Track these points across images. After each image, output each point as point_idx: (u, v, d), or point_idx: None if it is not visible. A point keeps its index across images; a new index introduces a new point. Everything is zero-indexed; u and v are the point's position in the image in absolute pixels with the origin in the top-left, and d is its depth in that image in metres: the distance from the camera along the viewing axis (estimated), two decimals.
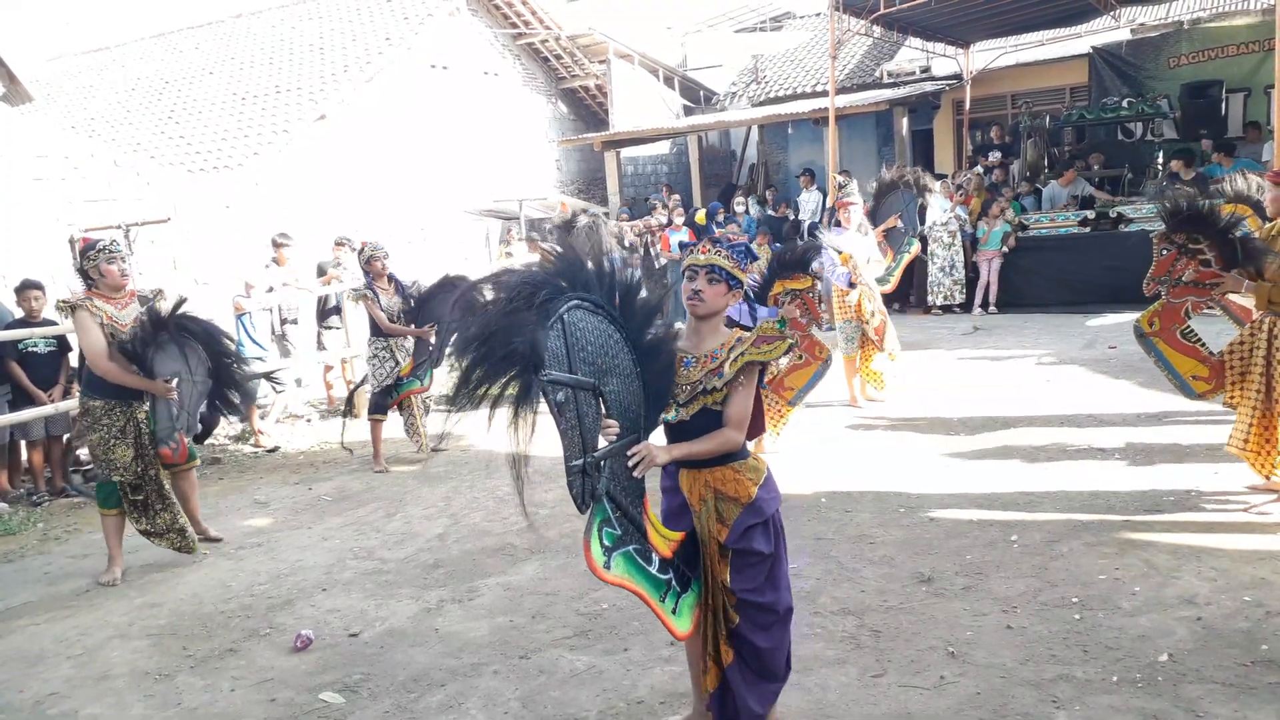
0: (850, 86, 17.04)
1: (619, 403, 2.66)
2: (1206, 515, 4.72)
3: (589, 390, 2.57)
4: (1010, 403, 7.29)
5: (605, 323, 2.65)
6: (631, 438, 2.68)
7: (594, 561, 2.56)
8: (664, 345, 2.78)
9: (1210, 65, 14.29)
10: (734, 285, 2.91)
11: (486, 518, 5.72)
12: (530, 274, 2.50)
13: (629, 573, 2.66)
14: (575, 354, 2.53)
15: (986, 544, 4.58)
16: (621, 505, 2.68)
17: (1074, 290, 11.62)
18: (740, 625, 2.86)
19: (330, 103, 13.61)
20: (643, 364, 2.73)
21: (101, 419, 5.02)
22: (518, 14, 16.73)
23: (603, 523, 2.61)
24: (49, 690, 3.91)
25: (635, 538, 2.72)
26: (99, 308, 4.97)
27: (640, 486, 2.75)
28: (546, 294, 2.47)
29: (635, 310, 2.72)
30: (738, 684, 2.87)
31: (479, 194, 15.35)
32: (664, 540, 2.81)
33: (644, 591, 2.70)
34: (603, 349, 2.63)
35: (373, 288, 7.10)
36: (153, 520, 5.19)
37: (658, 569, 2.76)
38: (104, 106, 16.65)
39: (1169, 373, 5.32)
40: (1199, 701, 3.08)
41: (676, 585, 2.82)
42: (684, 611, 2.83)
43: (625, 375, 2.69)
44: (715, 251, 2.91)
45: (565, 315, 2.51)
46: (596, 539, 2.58)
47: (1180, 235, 5.12)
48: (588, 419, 2.55)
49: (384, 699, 3.60)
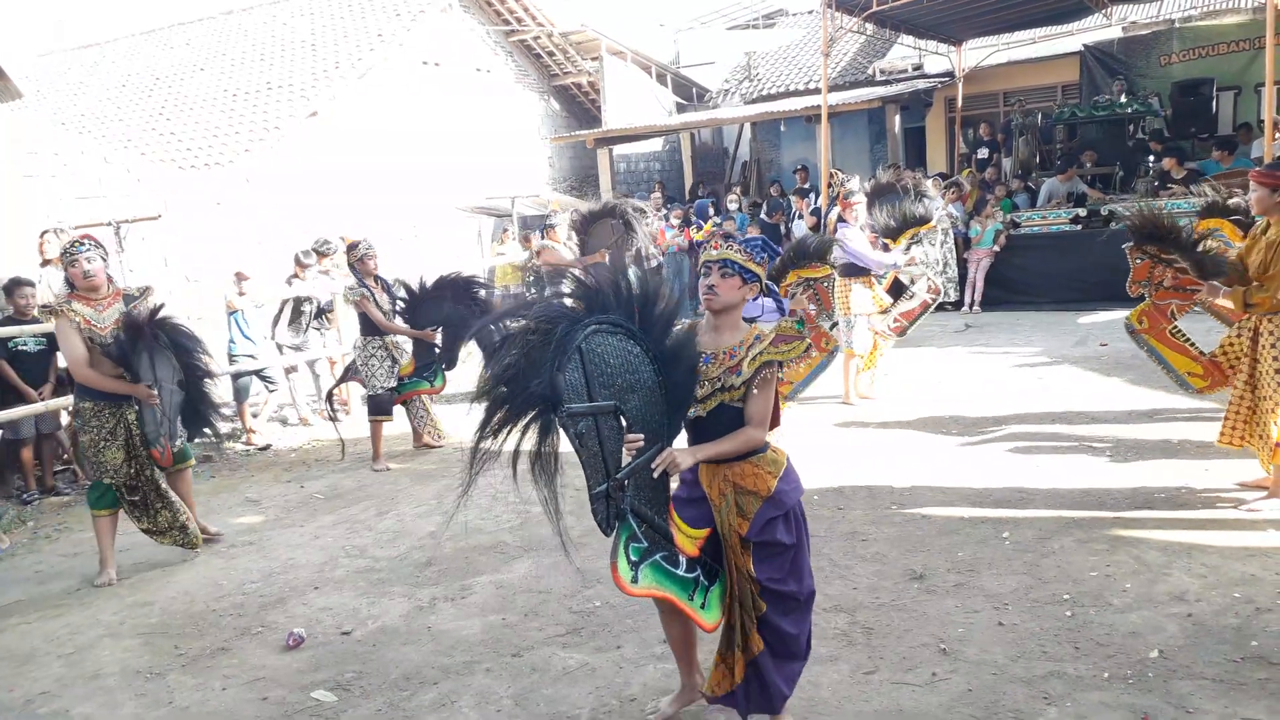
0: (843, 84, 17.06)
1: (641, 417, 2.70)
2: (1197, 512, 4.73)
3: (610, 413, 2.61)
4: (1002, 400, 7.31)
5: (624, 340, 2.69)
6: (654, 449, 2.71)
7: (621, 579, 2.65)
8: (685, 349, 2.80)
9: (1201, 63, 14.34)
10: (748, 279, 2.93)
11: (479, 516, 5.71)
12: (547, 305, 2.58)
13: (657, 580, 2.75)
14: (594, 381, 2.59)
15: (978, 541, 4.59)
16: (646, 517, 2.74)
17: (1066, 288, 11.65)
18: (768, 613, 2.89)
19: (322, 99, 13.59)
20: (665, 372, 2.75)
21: (91, 420, 4.97)
22: (510, 10, 16.71)
23: (629, 539, 2.69)
24: (40, 689, 3.89)
25: (662, 546, 2.79)
26: (76, 311, 4.83)
27: (665, 495, 2.80)
28: (565, 327, 2.53)
29: (654, 320, 2.75)
30: (769, 670, 2.91)
31: (471, 191, 15.33)
32: (690, 541, 2.86)
33: (672, 595, 2.79)
34: (623, 367, 2.67)
35: (366, 287, 7.07)
36: (154, 519, 5.15)
37: (685, 569, 2.83)
38: (94, 103, 16.58)
39: (1166, 369, 5.38)
40: (1189, 697, 3.09)
41: (704, 580, 2.89)
42: (712, 604, 2.91)
43: (647, 388, 2.72)
44: (728, 246, 2.95)
45: (583, 345, 2.56)
46: (623, 556, 2.67)
47: (1149, 246, 5.17)
48: (609, 443, 2.62)
49: (376, 697, 3.60)
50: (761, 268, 2.97)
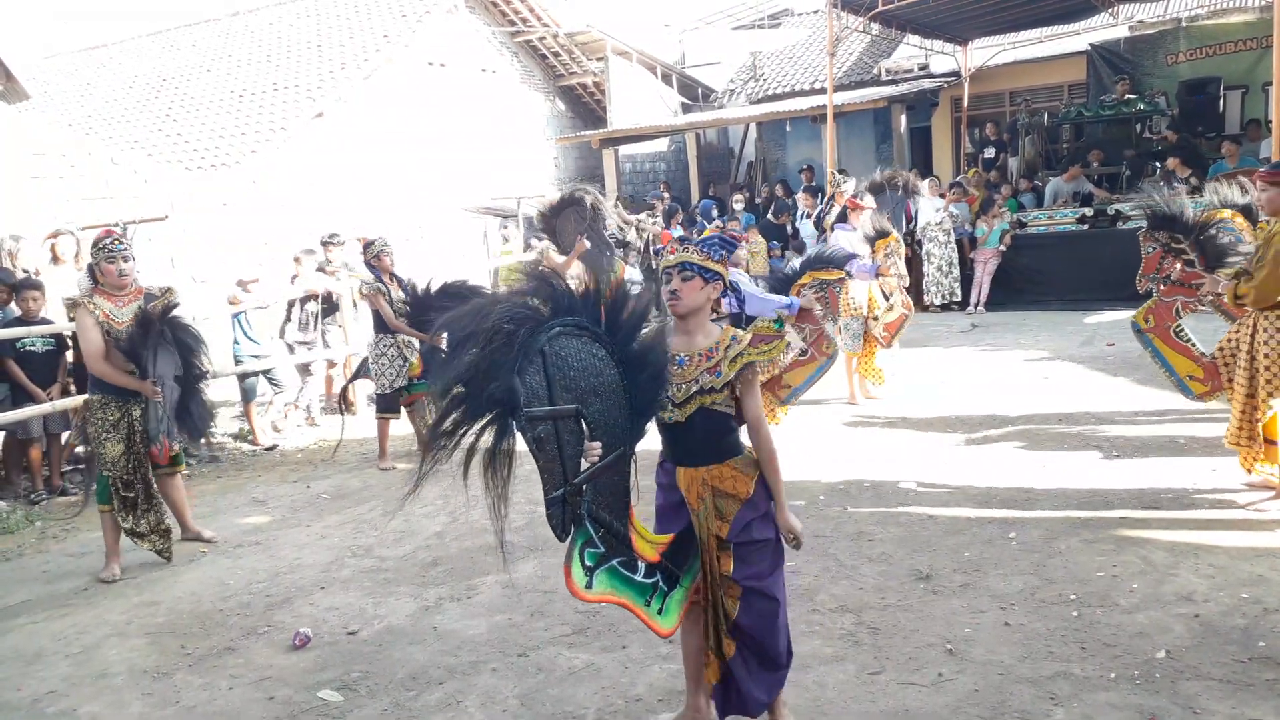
0: (848, 84, 17.04)
1: (602, 422, 2.65)
2: (1204, 512, 4.72)
3: (570, 417, 2.56)
4: (1008, 400, 7.29)
5: (589, 343, 2.64)
6: (616, 454, 2.67)
7: (575, 584, 2.60)
8: (652, 352, 2.74)
9: (1208, 62, 14.30)
10: (709, 278, 2.91)
11: (485, 515, 5.69)
12: (511, 308, 2.47)
13: (612, 586, 2.70)
14: (556, 384, 2.53)
15: (984, 541, 4.58)
16: (604, 523, 2.69)
17: (1072, 287, 11.61)
18: (740, 617, 2.88)
19: (328, 100, 13.60)
20: (629, 375, 2.71)
21: (97, 412, 5.10)
22: (515, 11, 16.71)
23: (585, 544, 2.64)
24: (47, 689, 3.91)
25: (620, 551, 2.74)
26: (97, 304, 5.02)
27: (625, 500, 2.75)
28: (528, 330, 2.46)
29: (621, 321, 2.70)
30: (741, 675, 2.90)
31: (477, 192, 15.35)
32: (651, 546, 2.82)
33: (628, 601, 2.74)
34: (586, 370, 2.62)
35: (382, 283, 7.09)
36: (138, 520, 5.18)
37: (643, 575, 2.79)
38: (101, 104, 16.62)
39: (1167, 371, 5.39)
40: (1197, 698, 3.08)
41: (664, 585, 2.85)
42: (670, 609, 2.86)
43: (610, 391, 2.68)
44: (683, 249, 2.94)
45: (546, 348, 2.51)
46: (578, 562, 2.61)
47: (1162, 234, 5.22)
48: (568, 448, 2.55)
49: (382, 697, 3.60)
50: (721, 265, 2.94)
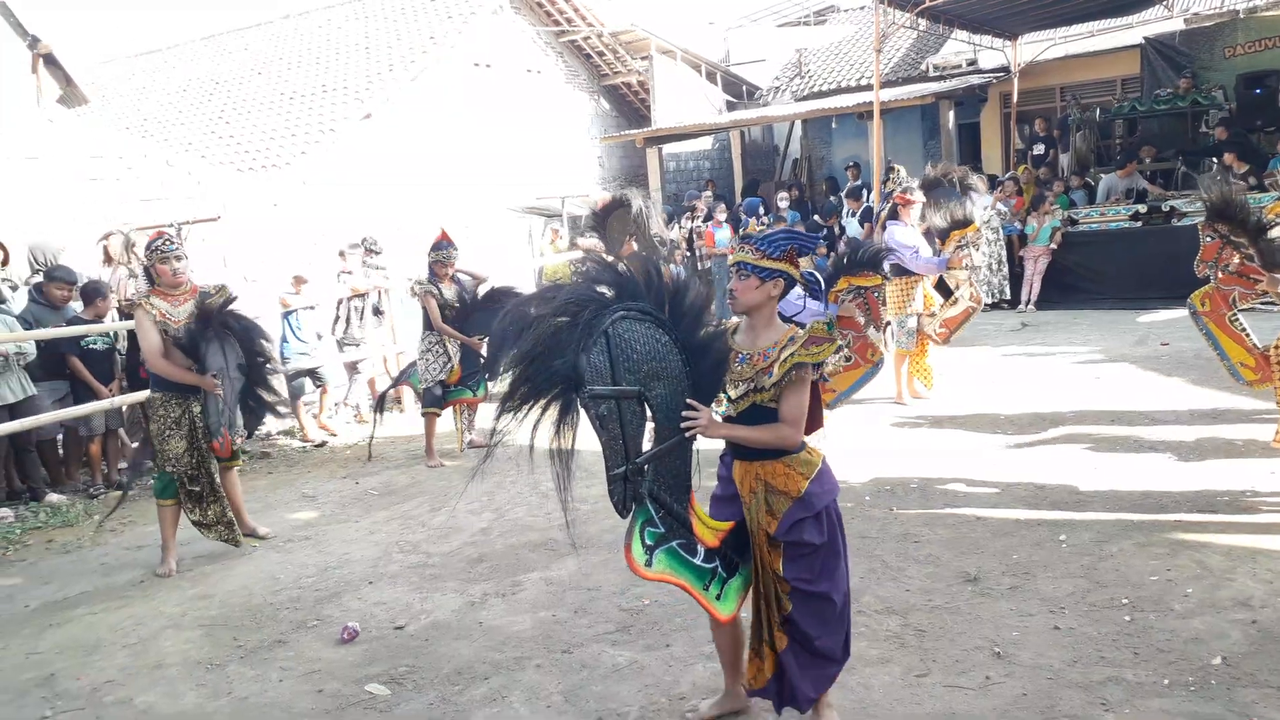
0: (895, 80, 16.86)
1: (665, 406, 2.72)
2: (1262, 516, 4.61)
3: (633, 398, 2.63)
4: (1059, 400, 7.17)
5: (653, 328, 2.71)
6: (676, 439, 2.74)
7: (635, 561, 2.67)
8: (714, 342, 2.84)
9: (1267, 55, 13.89)
10: (765, 277, 2.93)
11: (529, 513, 5.76)
12: (577, 290, 2.61)
13: (671, 567, 2.76)
14: (620, 365, 2.61)
15: (1034, 543, 4.51)
16: (665, 504, 2.75)
17: (1125, 286, 11.38)
18: (793, 612, 2.88)
19: (376, 101, 13.75)
20: (693, 363, 2.78)
21: (159, 410, 5.23)
22: (560, 11, 16.77)
23: (645, 523, 2.70)
24: (105, 678, 4.01)
25: (680, 533, 2.79)
26: (154, 304, 5.16)
27: (686, 484, 2.81)
28: (592, 310, 2.56)
29: (684, 311, 2.79)
30: (791, 669, 2.91)
31: (522, 191, 15.42)
32: (710, 531, 2.87)
33: (686, 583, 2.79)
34: (651, 355, 2.69)
35: (437, 285, 7.21)
36: (204, 512, 5.32)
37: (702, 559, 2.84)
38: (156, 108, 16.97)
39: (1220, 355, 5.42)
40: (1254, 706, 3.01)
41: (723, 571, 2.89)
42: (729, 596, 2.90)
43: (674, 377, 2.75)
44: (742, 249, 2.97)
45: (610, 330, 2.59)
46: (638, 539, 2.68)
47: (1221, 225, 5.18)
48: (630, 427, 2.63)
49: (429, 691, 3.65)
50: (782, 262, 2.93)
